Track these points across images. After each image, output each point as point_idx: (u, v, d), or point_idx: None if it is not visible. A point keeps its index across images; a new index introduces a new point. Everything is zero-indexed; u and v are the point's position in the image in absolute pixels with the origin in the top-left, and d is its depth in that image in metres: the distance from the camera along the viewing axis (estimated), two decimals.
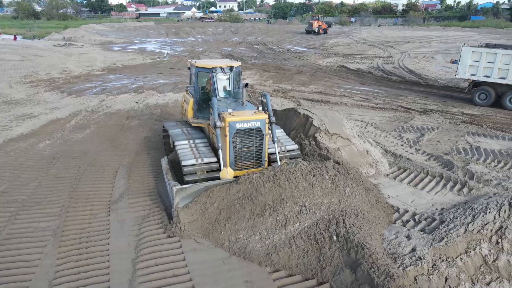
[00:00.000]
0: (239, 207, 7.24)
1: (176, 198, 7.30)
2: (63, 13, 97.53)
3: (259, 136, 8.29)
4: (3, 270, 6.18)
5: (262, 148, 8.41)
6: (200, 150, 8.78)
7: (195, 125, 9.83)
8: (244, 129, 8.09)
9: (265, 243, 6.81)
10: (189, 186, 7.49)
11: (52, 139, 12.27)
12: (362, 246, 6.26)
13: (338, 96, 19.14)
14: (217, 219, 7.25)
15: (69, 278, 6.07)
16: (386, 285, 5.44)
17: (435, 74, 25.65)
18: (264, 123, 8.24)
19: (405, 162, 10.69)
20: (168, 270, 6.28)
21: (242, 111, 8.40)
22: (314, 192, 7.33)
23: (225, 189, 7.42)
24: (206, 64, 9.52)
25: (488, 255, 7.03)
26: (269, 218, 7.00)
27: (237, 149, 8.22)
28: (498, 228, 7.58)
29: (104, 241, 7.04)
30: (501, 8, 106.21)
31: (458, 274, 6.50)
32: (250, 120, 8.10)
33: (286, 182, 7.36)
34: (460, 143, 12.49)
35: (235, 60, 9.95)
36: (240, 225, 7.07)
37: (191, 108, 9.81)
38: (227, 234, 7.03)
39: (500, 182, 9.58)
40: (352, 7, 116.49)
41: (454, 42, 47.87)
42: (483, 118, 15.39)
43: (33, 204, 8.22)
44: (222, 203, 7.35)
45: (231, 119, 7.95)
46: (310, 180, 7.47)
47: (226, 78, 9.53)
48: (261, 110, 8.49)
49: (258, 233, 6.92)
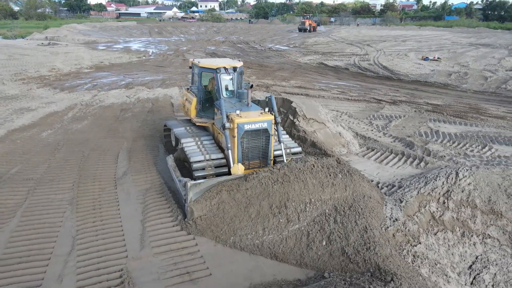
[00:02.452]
0: (247, 205, 7.43)
1: (190, 193, 7.44)
2: (41, 13, 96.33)
3: (266, 137, 8.59)
4: (32, 230, 7.32)
5: (268, 148, 8.71)
6: (207, 147, 9.11)
7: (199, 124, 10.08)
8: (252, 130, 8.36)
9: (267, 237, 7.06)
10: (202, 182, 7.65)
11: (53, 129, 13.27)
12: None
13: (317, 90, 20.62)
14: (226, 215, 7.41)
15: (89, 235, 7.25)
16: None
17: (406, 70, 27.52)
18: (271, 124, 8.55)
19: (373, 143, 12.22)
20: (173, 227, 7.54)
21: (248, 112, 8.62)
22: (324, 189, 7.69)
23: (235, 187, 7.60)
24: (210, 65, 9.63)
25: (436, 212, 8.57)
26: (274, 218, 7.28)
27: (244, 149, 8.48)
28: (445, 192, 9.12)
29: (114, 208, 8.24)
30: (474, 8, 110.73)
31: (417, 229, 8.01)
32: (257, 121, 8.36)
33: (295, 181, 7.62)
34: (422, 128, 14.12)
35: (237, 60, 10.31)
36: (247, 223, 7.29)
37: (194, 107, 10.08)
38: (232, 230, 7.25)
39: (451, 157, 11.20)
40: (331, 7, 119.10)
41: (427, 41, 50.32)
42: (445, 107, 17.13)
43: (47, 181, 9.31)
44: (231, 200, 7.52)
45: (239, 121, 8.19)
46: (320, 178, 7.79)
47: (230, 78, 9.69)
48: (267, 112, 8.76)
49: (262, 230, 7.18)
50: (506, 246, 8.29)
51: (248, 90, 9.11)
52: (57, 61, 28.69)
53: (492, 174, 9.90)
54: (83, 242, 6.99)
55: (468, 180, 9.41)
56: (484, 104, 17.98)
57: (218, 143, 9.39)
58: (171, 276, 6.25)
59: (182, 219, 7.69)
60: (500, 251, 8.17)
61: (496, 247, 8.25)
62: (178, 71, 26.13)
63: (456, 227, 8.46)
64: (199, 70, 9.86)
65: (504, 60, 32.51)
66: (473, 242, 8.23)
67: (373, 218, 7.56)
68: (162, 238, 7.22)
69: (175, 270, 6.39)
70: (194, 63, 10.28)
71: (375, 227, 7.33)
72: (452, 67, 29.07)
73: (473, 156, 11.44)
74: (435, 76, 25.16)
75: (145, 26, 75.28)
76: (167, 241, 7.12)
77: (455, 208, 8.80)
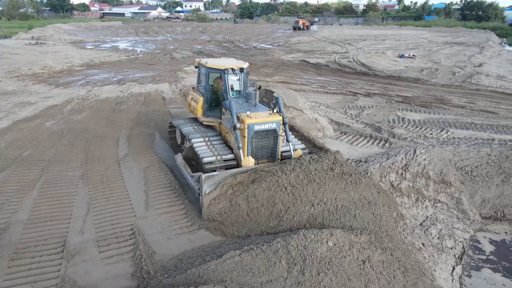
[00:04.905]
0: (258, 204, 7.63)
1: (204, 186, 7.64)
2: (23, 13, 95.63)
3: (274, 137, 8.95)
4: (51, 198, 8.58)
5: (276, 147, 9.08)
6: (217, 147, 9.33)
7: (206, 123, 10.30)
8: (262, 130, 8.70)
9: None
10: (215, 174, 7.90)
11: (55, 120, 14.41)
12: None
13: (299, 85, 22.14)
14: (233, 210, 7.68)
15: (101, 201, 8.55)
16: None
17: (382, 67, 29.34)
18: (279, 125, 8.91)
19: (346, 128, 13.80)
20: (172, 195, 8.89)
21: (257, 113, 8.92)
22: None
23: (245, 184, 7.85)
24: (218, 65, 9.83)
25: (394, 181, 10.13)
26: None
27: (253, 148, 8.81)
28: (403, 165, 10.69)
29: (120, 181, 9.54)
30: (452, 8, 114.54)
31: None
32: (267, 122, 8.71)
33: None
34: (391, 116, 15.77)
35: (242, 61, 10.60)
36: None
37: (200, 107, 10.36)
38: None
39: (413, 139, 12.85)
40: (315, 7, 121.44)
41: (405, 40, 52.59)
42: (413, 98, 18.87)
43: (57, 162, 10.54)
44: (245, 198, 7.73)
45: (250, 121, 8.50)
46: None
47: (237, 79, 9.98)
48: (276, 113, 9.17)
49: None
50: (453, 209, 9.91)
51: (256, 91, 9.33)
52: (47, 60, 29.50)
53: (445, 151, 11.54)
54: (97, 206, 8.29)
55: (424, 156, 11.00)
56: (448, 95, 19.80)
57: (226, 142, 9.66)
58: (173, 229, 7.62)
59: (198, 214, 7.96)
60: (447, 213, 9.78)
61: (444, 210, 9.87)
62: (167, 69, 27.32)
63: (412, 193, 10.03)
64: (206, 71, 10.05)
65: (474, 57, 34.74)
66: (425, 206, 9.82)
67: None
68: (164, 203, 8.58)
69: (176, 225, 7.77)
70: (201, 63, 10.42)
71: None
72: (425, 63, 31.05)
73: (431, 138, 13.11)
74: (408, 72, 27.04)
75: (131, 26, 75.83)
76: (168, 204, 8.49)
77: (411, 179, 10.37)
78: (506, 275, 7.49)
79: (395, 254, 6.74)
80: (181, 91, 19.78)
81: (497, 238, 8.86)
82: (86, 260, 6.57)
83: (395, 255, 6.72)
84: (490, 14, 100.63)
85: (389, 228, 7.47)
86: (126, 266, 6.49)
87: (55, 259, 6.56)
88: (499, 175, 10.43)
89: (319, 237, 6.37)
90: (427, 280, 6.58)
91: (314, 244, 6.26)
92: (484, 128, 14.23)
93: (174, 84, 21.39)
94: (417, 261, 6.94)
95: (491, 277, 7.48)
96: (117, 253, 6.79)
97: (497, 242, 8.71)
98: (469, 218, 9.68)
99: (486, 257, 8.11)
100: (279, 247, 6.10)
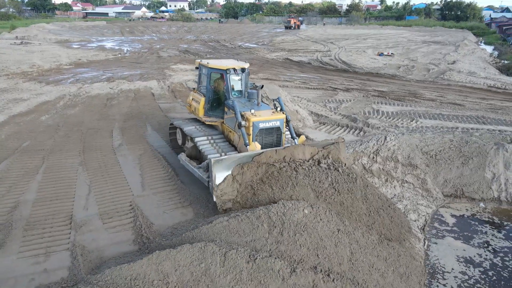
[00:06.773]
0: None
1: (213, 169, 7.63)
2: (4, 13, 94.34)
3: (278, 134, 9.26)
4: (55, 181, 9.40)
5: (280, 144, 9.36)
6: (220, 145, 9.60)
7: (208, 123, 10.46)
8: (266, 128, 8.98)
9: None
10: (225, 157, 7.98)
11: (49, 114, 15.11)
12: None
13: (282, 81, 23.23)
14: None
15: (101, 184, 9.41)
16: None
17: (362, 64, 30.71)
18: (283, 122, 9.19)
19: (324, 119, 14.91)
20: (166, 177, 9.80)
21: (261, 111, 9.17)
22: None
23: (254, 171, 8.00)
24: (219, 66, 10.01)
25: (366, 164, 11.26)
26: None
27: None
28: (375, 150, 11.84)
29: (117, 167, 10.40)
30: (432, 8, 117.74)
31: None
32: (271, 119, 8.98)
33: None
34: (367, 108, 16.98)
35: (242, 61, 10.84)
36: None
37: (202, 107, 10.50)
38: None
39: (385, 128, 14.04)
40: (300, 7, 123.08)
41: (386, 39, 54.36)
42: (388, 93, 20.16)
43: (57, 151, 11.33)
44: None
45: (255, 119, 8.75)
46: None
47: (238, 79, 10.18)
48: (279, 111, 9.42)
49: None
50: (418, 188, 11.08)
51: (259, 90, 9.58)
52: (35, 59, 29.86)
53: (413, 138, 12.74)
54: (97, 187, 9.16)
55: (393, 142, 12.17)
56: (421, 90, 21.18)
57: (229, 140, 9.88)
58: (167, 205, 8.55)
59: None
60: (413, 191, 10.94)
61: (410, 189, 11.03)
62: (154, 67, 28.06)
63: (382, 175, 11.18)
64: (208, 71, 10.22)
65: (449, 55, 36.51)
66: (393, 185, 10.97)
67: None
68: (158, 184, 9.50)
69: (170, 201, 8.70)
70: (203, 64, 10.56)
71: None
72: (402, 61, 32.57)
73: (402, 127, 14.33)
74: (386, 69, 28.46)
75: (116, 26, 75.83)
76: (162, 185, 9.42)
77: (382, 162, 11.53)
78: (465, 242, 8.70)
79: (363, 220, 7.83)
80: (169, 87, 20.62)
81: (458, 213, 10.03)
82: (92, 230, 7.46)
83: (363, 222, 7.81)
84: (469, 14, 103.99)
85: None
86: (128, 234, 7.41)
87: (65, 229, 7.43)
88: (459, 158, 11.65)
89: (296, 206, 7.41)
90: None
91: (292, 211, 7.28)
92: (451, 118, 15.55)
93: (162, 81, 22.21)
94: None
95: (453, 244, 8.66)
96: (119, 224, 7.70)
97: (458, 216, 9.90)
98: (432, 196, 10.86)
99: (450, 228, 9.28)
100: (261, 214, 7.10)
